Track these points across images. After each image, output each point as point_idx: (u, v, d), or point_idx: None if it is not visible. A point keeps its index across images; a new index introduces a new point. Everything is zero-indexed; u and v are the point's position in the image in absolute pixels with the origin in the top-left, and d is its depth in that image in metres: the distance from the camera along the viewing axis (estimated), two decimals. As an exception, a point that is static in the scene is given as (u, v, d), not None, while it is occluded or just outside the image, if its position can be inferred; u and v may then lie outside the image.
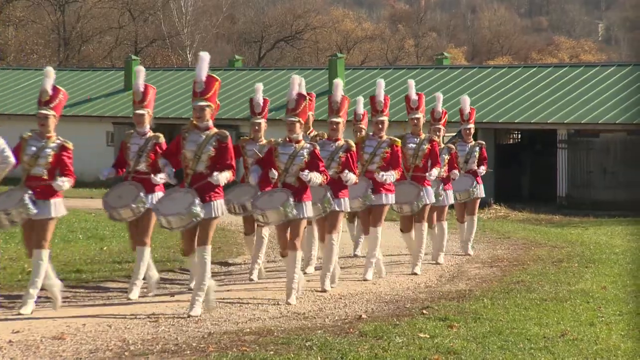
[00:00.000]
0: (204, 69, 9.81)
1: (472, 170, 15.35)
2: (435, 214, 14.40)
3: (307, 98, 10.98)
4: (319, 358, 7.98)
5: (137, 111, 11.01)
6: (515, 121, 31.14)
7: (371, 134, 12.68)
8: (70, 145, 10.15)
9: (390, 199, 12.53)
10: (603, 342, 8.97)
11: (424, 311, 10.16)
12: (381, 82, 12.93)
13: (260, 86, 12.74)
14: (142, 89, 10.98)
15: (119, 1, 61.77)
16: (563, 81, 33.01)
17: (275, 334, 8.92)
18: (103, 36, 62.52)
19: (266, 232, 12.64)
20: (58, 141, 10.09)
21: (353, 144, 11.90)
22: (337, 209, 11.54)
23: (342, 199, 11.61)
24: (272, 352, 8.08)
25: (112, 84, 40.92)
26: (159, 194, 10.75)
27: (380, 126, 12.59)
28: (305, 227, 11.10)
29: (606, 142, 29.65)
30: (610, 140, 29.63)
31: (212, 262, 11.03)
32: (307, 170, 10.53)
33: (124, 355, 8.13)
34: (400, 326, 9.25)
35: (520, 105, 31.86)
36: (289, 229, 10.75)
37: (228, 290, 11.75)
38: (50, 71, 10.35)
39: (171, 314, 10.03)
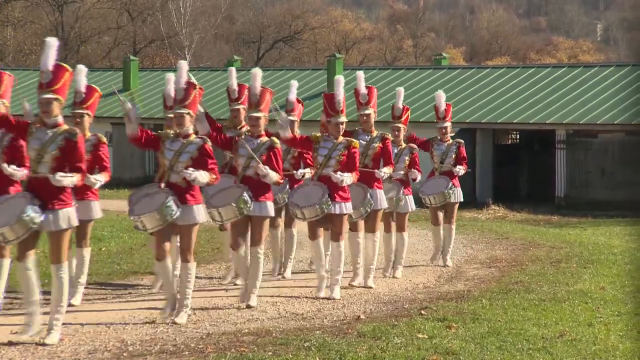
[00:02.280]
0: (50, 57, 8.71)
1: (448, 171, 14.19)
2: (395, 222, 13.14)
3: (197, 87, 9.77)
4: (317, 358, 7.98)
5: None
6: (514, 121, 31.15)
7: (326, 134, 11.38)
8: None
9: (345, 207, 11.16)
10: (601, 342, 8.98)
11: (423, 312, 10.16)
12: (339, 79, 11.58)
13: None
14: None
15: (118, 2, 61.72)
16: (561, 81, 33.03)
17: (274, 334, 8.92)
18: (102, 37, 62.47)
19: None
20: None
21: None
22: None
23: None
24: (270, 353, 8.08)
25: (110, 84, 40.90)
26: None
27: (337, 128, 11.27)
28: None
29: (604, 142, 29.66)
30: (608, 140, 29.63)
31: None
32: (191, 169, 9.42)
33: (122, 356, 8.13)
34: (399, 327, 9.25)
35: (519, 105, 31.87)
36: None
37: (225, 290, 11.76)
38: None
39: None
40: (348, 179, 11.01)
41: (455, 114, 32.18)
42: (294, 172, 12.40)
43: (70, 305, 9.96)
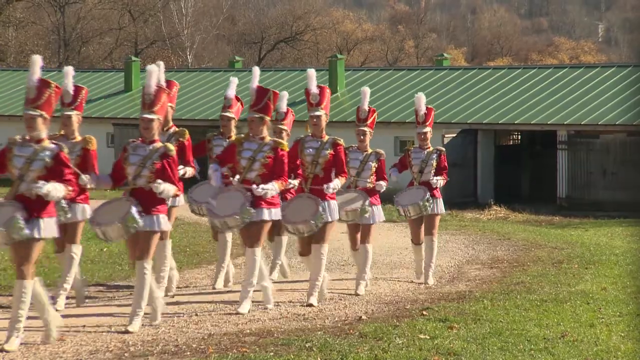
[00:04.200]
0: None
1: (427, 181, 12.85)
2: (359, 234, 11.98)
3: (53, 86, 8.63)
4: (319, 359, 7.99)
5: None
6: (515, 122, 31.14)
7: (251, 134, 10.36)
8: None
9: (273, 214, 10.29)
10: (603, 343, 8.98)
11: (424, 312, 10.16)
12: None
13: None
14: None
15: (119, 2, 61.76)
16: (563, 82, 33.01)
17: (275, 335, 8.92)
18: (103, 37, 62.51)
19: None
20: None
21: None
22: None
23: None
24: (272, 354, 8.08)
25: (112, 85, 40.91)
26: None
27: (253, 125, 10.37)
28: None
29: (606, 143, 29.65)
30: (610, 141, 29.62)
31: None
32: (42, 182, 8.38)
33: (124, 356, 8.14)
34: (400, 327, 9.25)
35: (520, 106, 31.86)
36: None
37: (228, 292, 11.76)
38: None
39: (171, 314, 10.03)
40: (272, 190, 10.09)
41: (457, 115, 32.21)
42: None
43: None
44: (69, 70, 10.65)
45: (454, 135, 30.97)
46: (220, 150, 11.21)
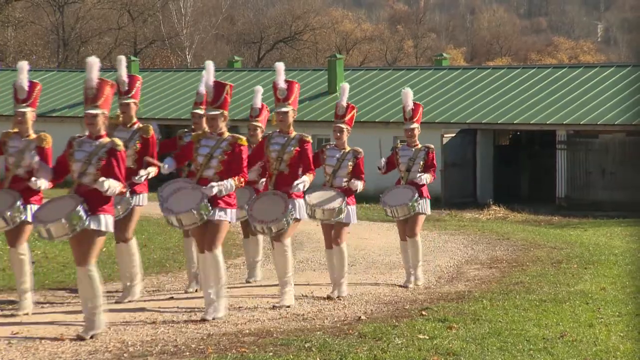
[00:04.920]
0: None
1: (414, 180, 12.39)
2: (333, 232, 11.49)
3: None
4: (318, 359, 7.99)
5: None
6: (515, 122, 31.14)
7: (209, 131, 9.92)
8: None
9: (229, 214, 9.75)
10: (602, 343, 8.98)
11: (423, 312, 10.16)
12: (209, 64, 10.05)
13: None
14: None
15: (118, 2, 61.77)
16: (562, 82, 33.01)
17: (275, 335, 8.92)
18: (102, 37, 62.51)
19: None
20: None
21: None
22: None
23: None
24: (271, 354, 8.08)
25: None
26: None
27: (211, 121, 9.86)
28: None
29: (605, 143, 29.65)
30: (609, 141, 29.63)
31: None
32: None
33: (123, 356, 8.13)
34: (400, 327, 9.25)
35: (520, 106, 31.86)
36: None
37: (226, 292, 11.75)
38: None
39: (170, 314, 10.02)
40: (228, 188, 9.55)
41: (456, 115, 32.20)
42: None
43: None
44: (24, 65, 10.14)
45: (453, 135, 30.96)
46: None
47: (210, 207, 9.54)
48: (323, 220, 11.42)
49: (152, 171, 10.68)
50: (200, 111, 11.53)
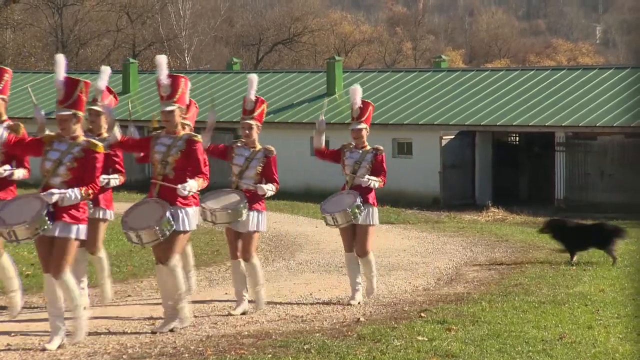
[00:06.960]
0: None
1: (360, 185, 11.17)
2: (240, 245, 10.46)
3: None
4: (317, 361, 7.99)
5: None
6: (513, 124, 31.15)
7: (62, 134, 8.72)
8: None
9: (74, 231, 8.55)
10: (601, 345, 8.97)
11: (422, 314, 10.16)
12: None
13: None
14: None
15: (117, 4, 61.80)
16: (561, 84, 33.02)
17: (274, 337, 8.92)
18: (101, 39, 62.56)
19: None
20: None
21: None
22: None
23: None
24: (270, 355, 8.08)
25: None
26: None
27: (62, 123, 8.66)
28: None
29: (604, 144, 29.66)
30: (608, 142, 29.64)
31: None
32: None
33: (122, 358, 8.14)
34: (399, 329, 9.25)
35: (518, 108, 31.88)
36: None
37: (226, 293, 11.76)
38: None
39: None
40: (69, 197, 8.31)
41: (455, 117, 32.22)
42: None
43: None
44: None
45: (452, 137, 30.99)
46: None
47: (49, 221, 8.33)
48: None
49: (20, 173, 9.76)
50: (97, 108, 10.72)
